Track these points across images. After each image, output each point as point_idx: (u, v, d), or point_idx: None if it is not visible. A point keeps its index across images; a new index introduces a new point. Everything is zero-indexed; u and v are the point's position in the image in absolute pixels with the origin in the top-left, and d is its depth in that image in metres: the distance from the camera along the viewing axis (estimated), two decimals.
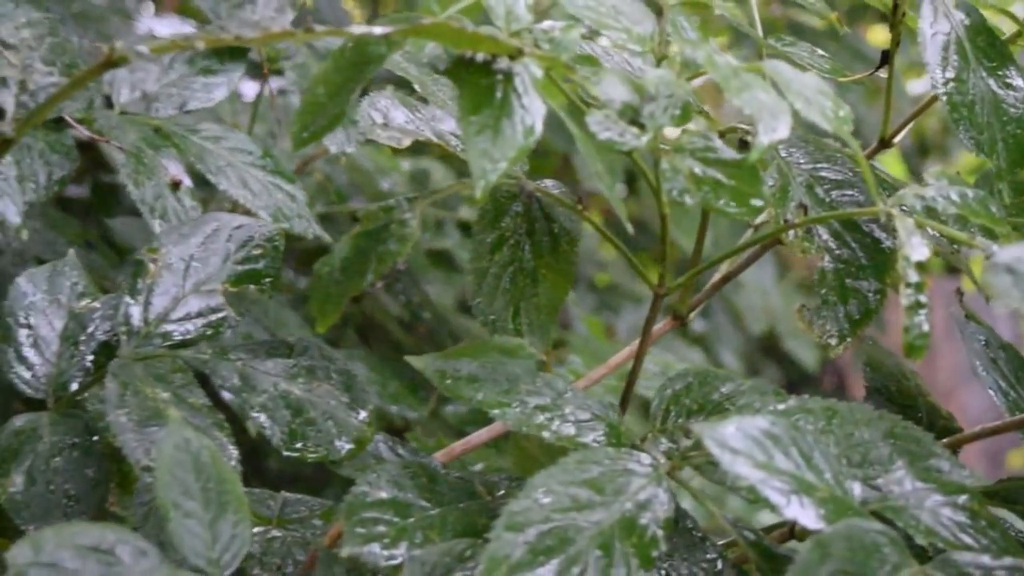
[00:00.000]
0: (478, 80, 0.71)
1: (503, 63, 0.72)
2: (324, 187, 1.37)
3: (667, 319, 0.92)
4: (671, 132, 0.75)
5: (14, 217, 0.98)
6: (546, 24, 0.76)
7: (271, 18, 0.69)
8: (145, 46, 0.68)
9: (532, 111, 0.71)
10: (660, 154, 0.75)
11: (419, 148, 1.53)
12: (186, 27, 1.72)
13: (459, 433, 1.27)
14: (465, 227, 1.53)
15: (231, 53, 1.06)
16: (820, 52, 0.98)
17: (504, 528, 0.68)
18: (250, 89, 1.46)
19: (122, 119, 1.07)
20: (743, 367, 2.40)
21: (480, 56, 0.72)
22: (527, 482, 0.69)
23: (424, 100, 0.88)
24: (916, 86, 2.60)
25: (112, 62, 0.69)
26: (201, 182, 1.07)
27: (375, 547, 0.72)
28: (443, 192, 0.83)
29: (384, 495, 0.75)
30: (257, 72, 1.26)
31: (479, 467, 1.07)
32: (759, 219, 0.93)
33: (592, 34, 0.80)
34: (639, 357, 0.86)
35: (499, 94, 0.71)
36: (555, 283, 0.86)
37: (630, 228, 0.86)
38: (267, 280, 0.85)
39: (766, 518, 1.52)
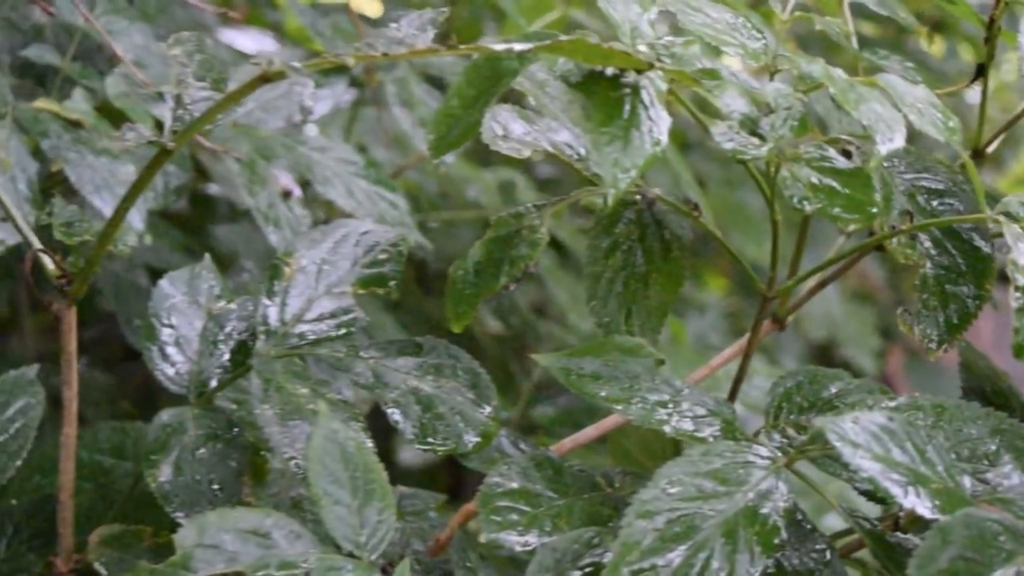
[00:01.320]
0: (608, 93, 0.75)
1: (630, 77, 0.76)
2: (415, 195, 1.41)
3: (767, 322, 0.96)
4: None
5: (138, 224, 1.03)
6: (666, 39, 0.80)
7: (414, 35, 0.73)
8: (299, 63, 0.73)
9: (658, 122, 0.75)
10: (777, 163, 0.79)
11: (491, 157, 1.58)
12: (267, 40, 1.78)
13: (547, 434, 1.32)
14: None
15: (336, 68, 1.11)
16: (910, 65, 1.01)
17: (635, 516, 0.72)
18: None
19: (235, 131, 1.12)
20: None
21: (609, 70, 0.76)
22: (655, 473, 0.73)
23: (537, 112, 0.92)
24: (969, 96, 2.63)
25: (268, 78, 0.74)
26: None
27: (509, 534, 0.77)
28: (569, 200, 0.87)
29: (515, 485, 0.79)
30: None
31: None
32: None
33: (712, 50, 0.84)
34: (747, 356, 0.90)
35: (627, 106, 0.75)
36: (666, 286, 0.90)
37: (719, 234, 0.91)
38: (391, 283, 0.89)
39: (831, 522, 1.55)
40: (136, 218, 1.02)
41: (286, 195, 1.10)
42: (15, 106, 1.06)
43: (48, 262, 0.82)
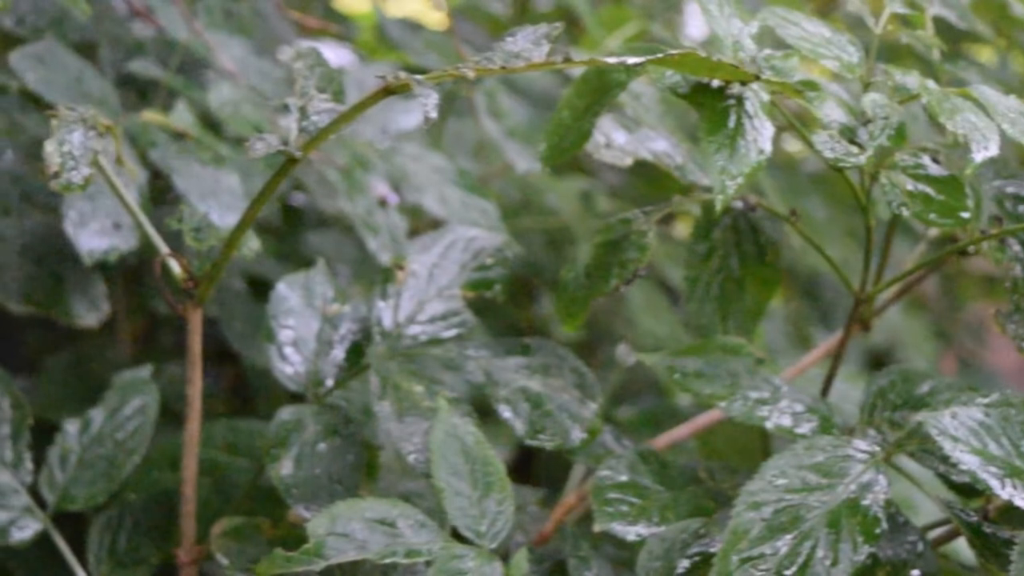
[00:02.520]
0: (715, 104, 0.79)
1: (735, 88, 0.80)
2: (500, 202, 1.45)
3: (854, 324, 0.99)
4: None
5: (219, 221, 1.07)
6: (766, 52, 0.84)
7: (530, 49, 0.77)
8: (421, 76, 0.77)
9: (762, 132, 0.79)
10: (872, 171, 0.82)
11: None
12: (344, 52, 1.82)
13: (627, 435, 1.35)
14: None
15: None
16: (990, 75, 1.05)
17: (744, 507, 0.75)
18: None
19: (334, 141, 1.16)
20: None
21: (715, 83, 0.80)
22: (762, 466, 0.77)
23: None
24: None
25: (391, 90, 0.78)
26: None
27: (620, 524, 0.80)
28: (673, 207, 0.90)
29: (624, 479, 0.83)
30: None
31: None
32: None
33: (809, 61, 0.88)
34: (838, 356, 0.93)
35: (732, 117, 0.79)
36: (760, 290, 0.93)
37: (815, 241, 0.94)
38: (497, 286, 0.93)
39: None
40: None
41: (382, 203, 1.14)
42: (124, 118, 1.11)
43: (175, 266, 0.86)
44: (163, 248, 0.87)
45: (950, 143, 0.88)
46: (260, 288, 1.32)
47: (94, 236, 1.03)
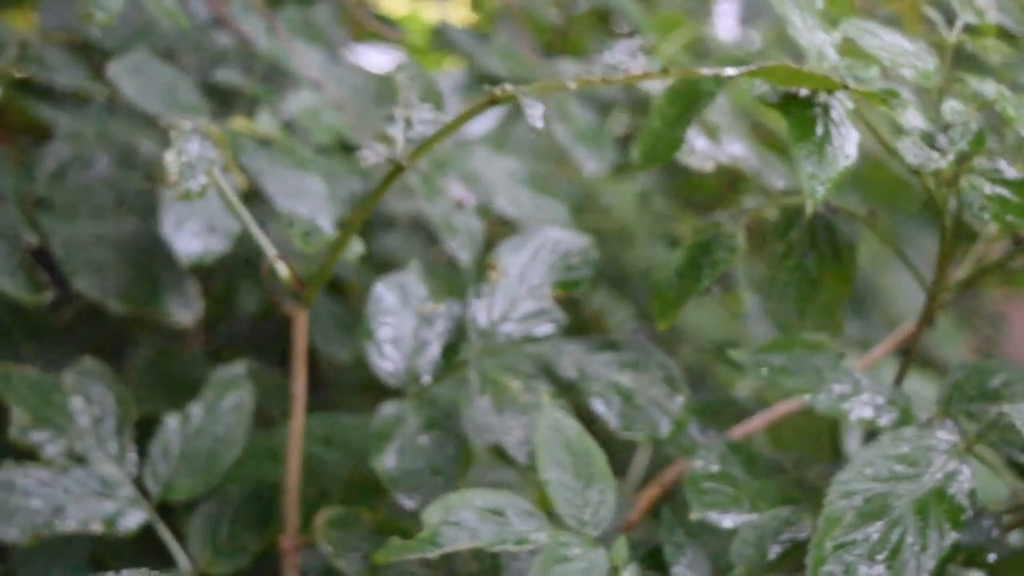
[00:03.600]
0: (803, 112, 0.83)
1: (822, 97, 0.84)
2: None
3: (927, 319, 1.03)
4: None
5: (329, 228, 1.11)
6: (847, 62, 0.88)
7: (627, 61, 0.81)
8: (527, 87, 0.81)
9: (848, 138, 0.83)
10: (950, 175, 0.86)
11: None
12: (400, 56, 1.86)
13: None
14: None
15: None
16: None
17: (837, 495, 0.79)
18: None
19: (411, 144, 1.20)
20: None
21: (802, 92, 0.84)
22: (854, 456, 0.81)
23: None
24: None
25: (496, 101, 0.82)
26: None
27: (716, 513, 0.85)
28: (760, 209, 0.94)
29: (716, 469, 0.87)
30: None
31: None
32: None
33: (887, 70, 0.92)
34: (910, 351, 0.97)
35: (820, 124, 0.83)
36: (836, 288, 0.97)
37: (894, 242, 0.98)
38: (582, 285, 0.97)
39: None
40: (325, 223, 1.11)
41: (459, 204, 1.18)
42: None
43: (282, 268, 0.91)
44: (271, 251, 0.91)
45: (1012, 146, 0.92)
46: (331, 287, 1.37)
47: (191, 239, 1.08)
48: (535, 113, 0.79)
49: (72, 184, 1.16)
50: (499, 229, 1.31)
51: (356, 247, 0.91)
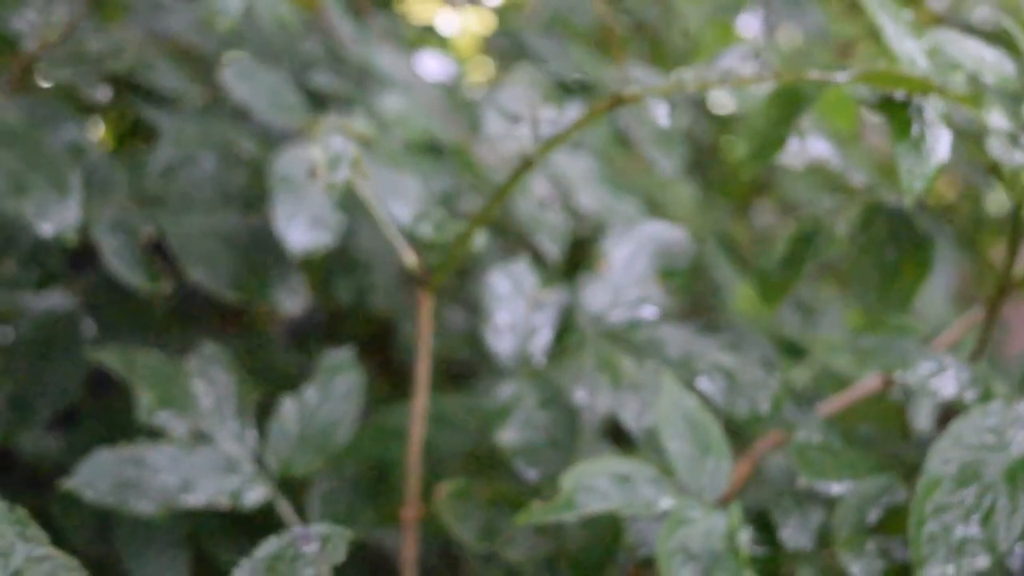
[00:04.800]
0: (901, 115, 0.91)
1: (916, 99, 0.91)
2: None
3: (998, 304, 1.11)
4: None
5: (406, 219, 1.18)
6: (934, 67, 0.95)
7: (739, 66, 0.89)
8: (648, 89, 0.88)
9: (940, 138, 0.91)
10: None
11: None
12: (445, 61, 1.93)
13: None
14: None
15: (568, 90, 1.28)
16: None
17: (935, 463, 0.87)
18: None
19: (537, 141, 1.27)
20: None
21: (899, 95, 0.92)
22: (948, 427, 0.89)
23: None
24: None
25: (622, 101, 0.89)
26: None
27: (822, 481, 0.92)
28: (854, 203, 1.02)
29: (820, 440, 0.95)
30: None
31: None
32: None
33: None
34: (985, 333, 1.05)
35: (916, 125, 0.90)
36: (914, 277, 1.05)
37: (968, 233, 1.05)
38: (681, 274, 1.05)
39: None
40: (404, 214, 1.17)
41: (545, 202, 1.25)
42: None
43: (410, 258, 0.98)
44: (400, 241, 0.98)
45: None
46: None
47: (301, 232, 1.15)
48: (661, 112, 0.86)
49: (181, 182, 1.23)
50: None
51: (480, 239, 0.98)
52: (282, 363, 1.40)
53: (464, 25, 2.01)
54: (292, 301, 1.20)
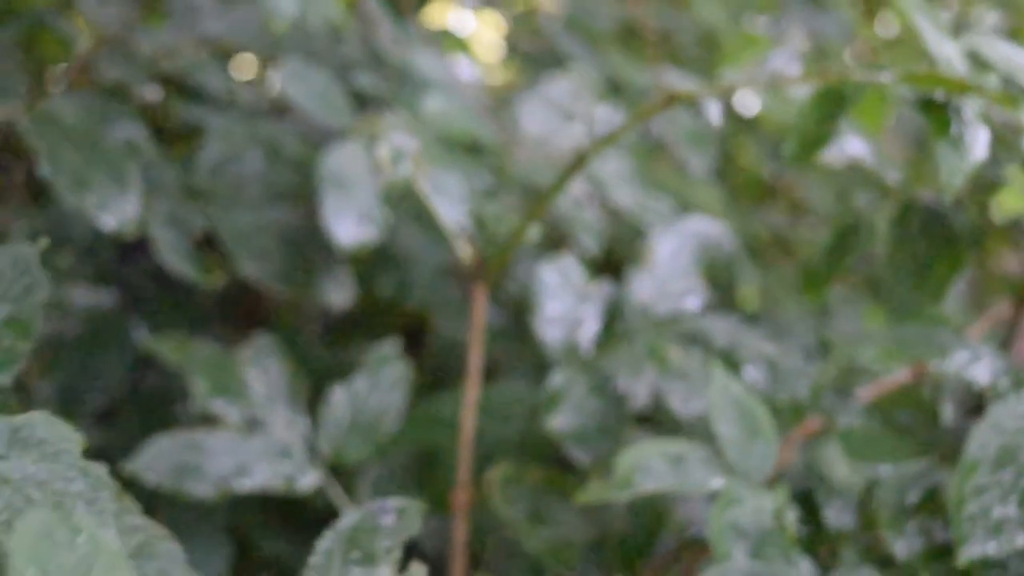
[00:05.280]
0: (940, 114, 0.95)
1: (954, 99, 0.96)
2: None
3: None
4: None
5: (452, 215, 1.22)
6: (969, 69, 1.00)
7: (787, 67, 0.93)
8: (700, 89, 0.92)
9: (977, 136, 0.95)
10: None
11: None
12: (470, 64, 1.97)
13: None
14: None
15: (615, 92, 1.32)
16: None
17: (974, 446, 0.91)
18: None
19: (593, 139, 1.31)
20: None
21: (938, 95, 0.96)
22: (986, 413, 0.93)
23: None
24: None
25: (675, 100, 0.93)
26: None
27: (867, 463, 0.96)
28: (893, 200, 1.06)
29: (859, 425, 0.99)
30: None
31: None
32: None
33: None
34: (1015, 325, 1.09)
35: (955, 124, 0.95)
36: (946, 271, 1.09)
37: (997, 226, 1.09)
38: (723, 267, 1.09)
39: None
40: (455, 212, 1.21)
41: (582, 200, 1.29)
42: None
43: (465, 250, 1.02)
44: (457, 234, 1.02)
45: None
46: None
47: (350, 227, 1.18)
48: (713, 112, 0.90)
49: (229, 179, 1.27)
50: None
51: (533, 232, 1.02)
52: (317, 357, 1.44)
53: (479, 28, 2.05)
54: (339, 294, 1.24)
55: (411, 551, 1.32)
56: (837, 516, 0.95)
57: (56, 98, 1.22)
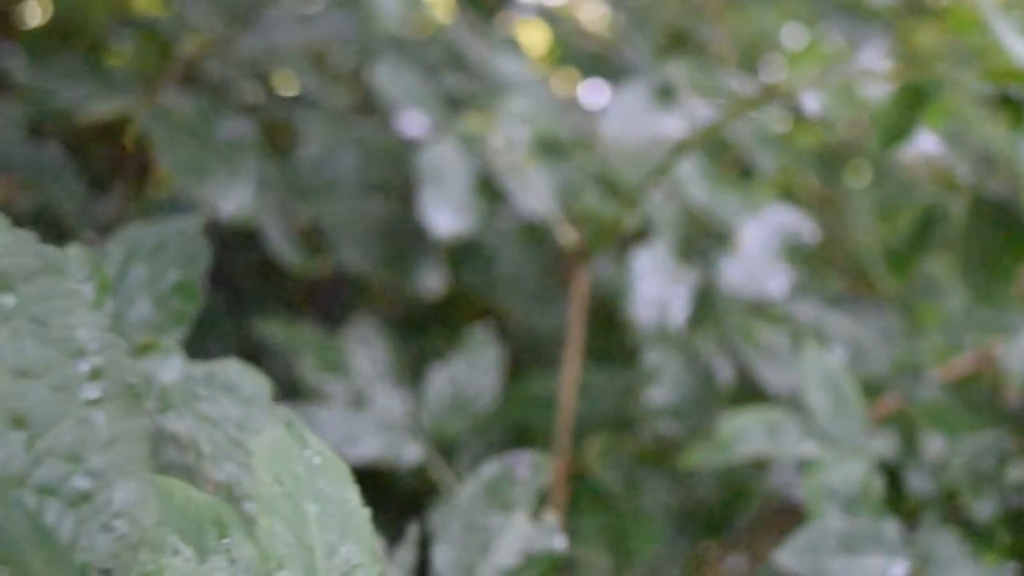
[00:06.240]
0: (1016, 109, 1.02)
1: None
2: None
3: None
4: None
5: (540, 209, 1.29)
6: None
7: (872, 63, 1.00)
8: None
9: None
10: None
11: None
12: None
13: None
14: None
15: (706, 92, 1.39)
16: None
17: None
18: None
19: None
20: None
21: (1012, 91, 1.03)
22: None
23: None
24: None
25: (774, 93, 1.01)
26: None
27: (942, 433, 1.03)
28: (963, 192, 1.14)
29: (937, 399, 1.06)
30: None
31: None
32: None
33: None
34: None
35: None
36: (1014, 257, 1.16)
37: None
38: (804, 253, 1.16)
39: None
40: (543, 205, 1.29)
41: (660, 195, 1.36)
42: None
43: (569, 234, 1.09)
44: (557, 219, 1.10)
45: None
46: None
47: (447, 217, 1.26)
48: (813, 105, 0.97)
49: (326, 173, 1.34)
50: None
51: (631, 219, 1.09)
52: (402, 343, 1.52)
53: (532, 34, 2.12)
54: (433, 281, 1.32)
55: None
56: (919, 482, 1.02)
57: (168, 95, 1.29)
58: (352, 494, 0.61)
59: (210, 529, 0.57)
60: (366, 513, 0.60)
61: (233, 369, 0.74)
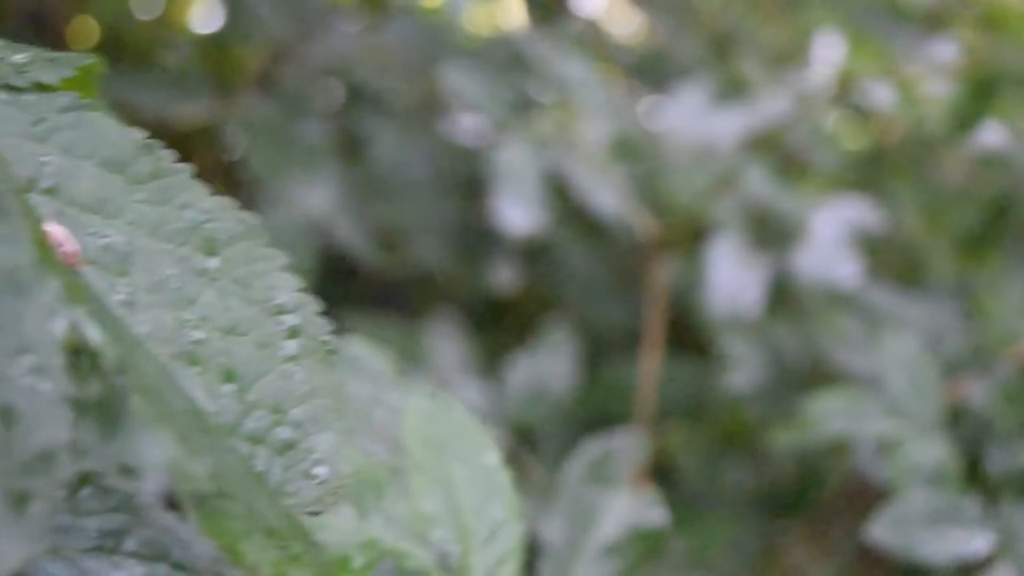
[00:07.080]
0: None
1: None
2: None
3: None
4: None
5: (623, 207, 1.33)
6: None
7: (942, 55, 1.04)
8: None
9: None
10: None
11: None
12: None
13: None
14: None
15: (773, 88, 1.43)
16: None
17: None
18: None
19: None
20: None
21: None
22: None
23: None
24: None
25: (849, 84, 1.04)
26: None
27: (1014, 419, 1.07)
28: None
29: (1010, 380, 1.09)
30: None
31: None
32: None
33: None
34: None
35: None
36: None
37: None
38: (871, 242, 1.19)
39: None
40: (614, 203, 1.32)
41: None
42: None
43: (650, 224, 1.13)
44: (633, 211, 1.13)
45: None
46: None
47: (521, 215, 1.29)
48: (884, 99, 1.01)
49: (400, 174, 1.38)
50: None
51: (721, 209, 1.13)
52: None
53: None
54: (504, 277, 1.35)
55: None
56: (998, 461, 1.05)
57: (246, 100, 1.33)
58: (494, 457, 0.64)
59: (369, 491, 0.60)
60: (508, 475, 0.64)
61: (357, 344, 0.78)
